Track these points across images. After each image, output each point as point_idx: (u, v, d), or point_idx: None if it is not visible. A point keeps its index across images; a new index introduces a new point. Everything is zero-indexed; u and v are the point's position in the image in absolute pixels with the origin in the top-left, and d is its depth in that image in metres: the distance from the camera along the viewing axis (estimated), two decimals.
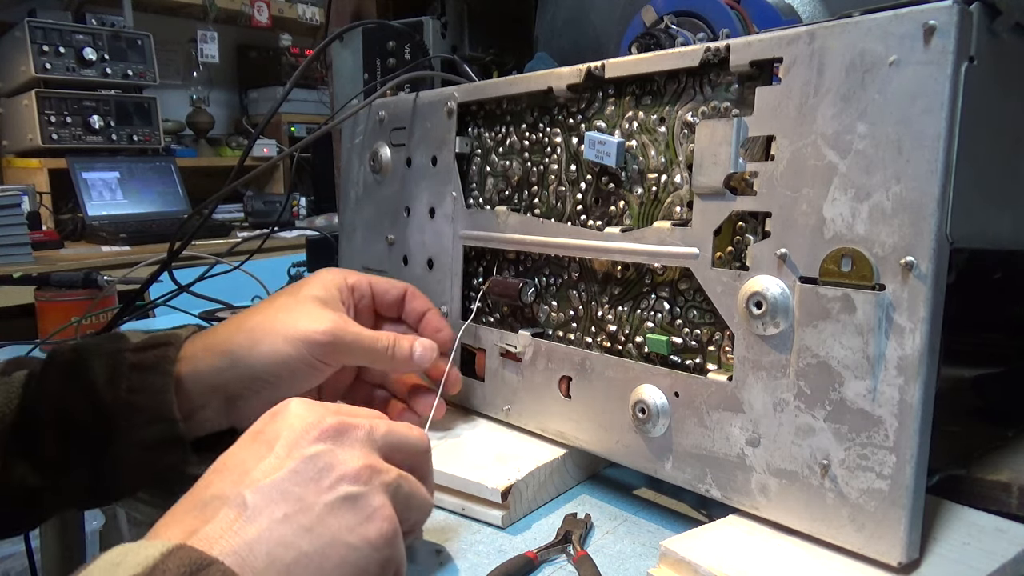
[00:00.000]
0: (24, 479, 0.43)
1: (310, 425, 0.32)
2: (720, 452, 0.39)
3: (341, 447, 0.31)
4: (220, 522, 0.28)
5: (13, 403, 0.44)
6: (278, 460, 0.30)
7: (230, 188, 0.61)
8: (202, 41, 2.87)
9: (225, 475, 0.30)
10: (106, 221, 2.31)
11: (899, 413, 0.32)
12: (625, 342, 0.46)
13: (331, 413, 0.33)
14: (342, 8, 0.91)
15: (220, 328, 0.46)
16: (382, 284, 0.52)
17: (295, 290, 0.48)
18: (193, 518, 0.29)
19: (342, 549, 0.29)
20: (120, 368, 0.44)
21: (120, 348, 0.45)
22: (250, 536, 0.27)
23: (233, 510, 0.28)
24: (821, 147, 0.34)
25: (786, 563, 0.34)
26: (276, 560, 0.27)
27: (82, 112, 2.35)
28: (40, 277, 0.92)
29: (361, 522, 0.30)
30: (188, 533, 0.28)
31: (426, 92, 0.59)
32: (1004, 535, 0.36)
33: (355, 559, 0.29)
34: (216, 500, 0.29)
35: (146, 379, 0.43)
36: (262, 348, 0.44)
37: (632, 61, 0.44)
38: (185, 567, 0.25)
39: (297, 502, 0.29)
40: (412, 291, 0.52)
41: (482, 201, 0.55)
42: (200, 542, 0.27)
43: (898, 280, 0.32)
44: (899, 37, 0.32)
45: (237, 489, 0.29)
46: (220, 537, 0.27)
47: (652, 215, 0.44)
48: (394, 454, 0.34)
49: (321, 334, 0.44)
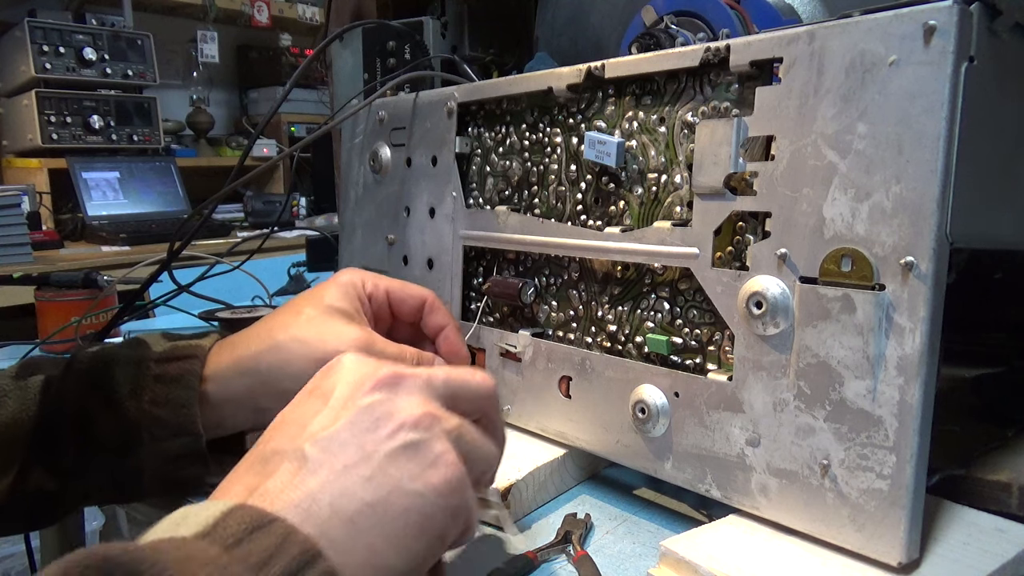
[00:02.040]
0: (42, 485, 0.43)
1: (365, 376, 0.31)
2: (720, 452, 0.39)
3: (398, 395, 0.31)
4: (281, 476, 0.28)
5: (31, 410, 0.43)
6: (334, 412, 0.30)
7: (230, 188, 0.61)
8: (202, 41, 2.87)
9: (283, 430, 0.30)
10: (106, 221, 2.31)
11: (899, 413, 0.32)
12: (625, 342, 0.46)
13: (386, 364, 0.32)
14: (342, 8, 0.91)
15: (247, 340, 0.45)
16: (399, 294, 0.49)
17: (318, 299, 0.46)
18: (255, 475, 0.29)
19: (406, 497, 0.28)
20: (143, 379, 0.43)
21: (143, 357, 0.44)
22: (312, 488, 0.27)
23: (293, 463, 0.28)
24: (821, 147, 0.34)
25: (786, 563, 0.34)
26: (339, 511, 0.27)
27: (82, 112, 2.34)
28: (40, 277, 0.92)
29: (424, 469, 0.29)
30: (250, 490, 0.28)
31: (426, 92, 0.59)
32: (1004, 535, 0.36)
33: (420, 507, 0.29)
34: (276, 455, 0.29)
35: (170, 392, 0.43)
36: (291, 368, 0.43)
37: (632, 61, 0.44)
38: (246, 524, 0.25)
39: (356, 452, 0.29)
40: (431, 303, 0.50)
41: (482, 201, 0.55)
42: (262, 498, 0.27)
43: (898, 280, 0.32)
44: (899, 37, 0.32)
45: (296, 443, 0.29)
46: (282, 491, 0.27)
47: (652, 215, 0.44)
48: (457, 402, 0.33)
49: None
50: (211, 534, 0.24)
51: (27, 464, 0.43)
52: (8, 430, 0.43)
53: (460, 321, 0.56)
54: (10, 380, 0.44)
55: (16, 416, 0.43)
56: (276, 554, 0.24)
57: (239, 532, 0.24)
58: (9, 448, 0.43)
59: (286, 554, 0.24)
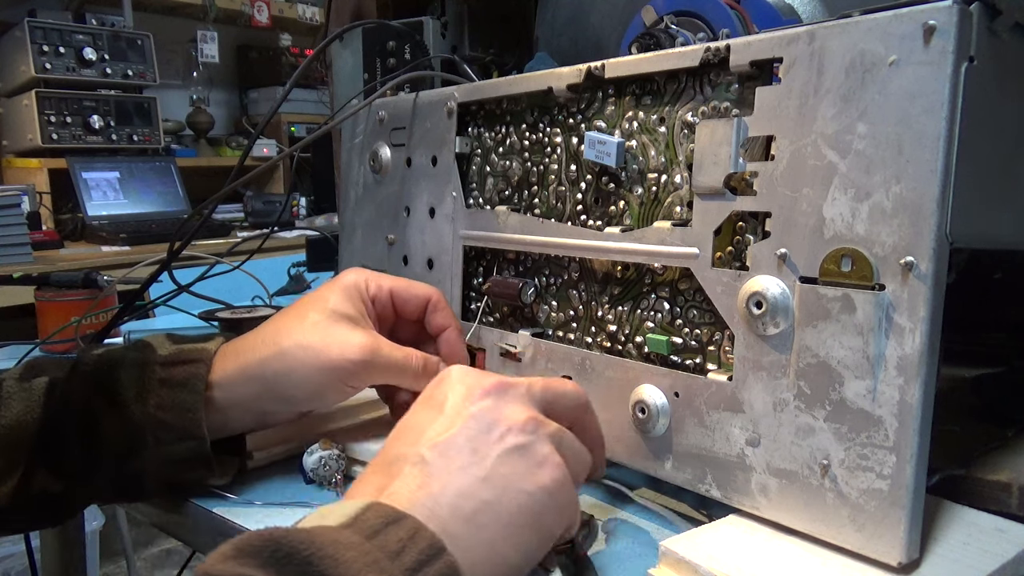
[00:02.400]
0: (46, 487, 0.43)
1: (473, 386, 0.34)
2: (720, 452, 0.39)
3: (504, 403, 0.34)
4: (405, 479, 0.31)
5: (36, 412, 0.43)
6: (449, 420, 0.33)
7: (230, 188, 0.61)
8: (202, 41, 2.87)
9: (404, 437, 0.33)
10: (106, 221, 2.31)
11: (899, 413, 0.32)
12: (625, 342, 0.46)
13: (490, 374, 0.35)
14: (342, 8, 0.91)
15: (252, 346, 0.45)
16: (403, 294, 0.49)
17: (322, 303, 0.46)
18: (381, 477, 0.32)
19: (518, 496, 0.31)
20: (149, 383, 0.43)
21: (148, 360, 0.44)
22: (434, 489, 0.30)
23: (415, 467, 0.31)
24: (821, 147, 0.34)
25: (786, 563, 0.34)
26: (459, 509, 0.30)
27: (82, 112, 2.34)
28: (40, 277, 0.92)
29: (532, 469, 0.32)
30: (379, 490, 0.31)
31: (426, 92, 0.59)
32: (1004, 535, 0.36)
33: (531, 505, 0.31)
34: (399, 460, 0.32)
35: (176, 396, 0.43)
36: (296, 376, 0.44)
37: (632, 61, 0.44)
38: (382, 518, 0.28)
39: (472, 454, 0.31)
40: (435, 302, 0.50)
41: (482, 201, 0.55)
42: (390, 498, 0.30)
43: (898, 280, 0.32)
44: (899, 37, 0.32)
45: (415, 449, 0.32)
46: (407, 492, 0.30)
47: (652, 215, 0.44)
48: (553, 408, 0.36)
49: (354, 364, 0.44)
50: (353, 525, 0.27)
51: (32, 466, 0.43)
52: (12, 432, 0.43)
53: (460, 321, 0.56)
54: (14, 382, 0.44)
55: (21, 418, 0.43)
56: (408, 545, 0.27)
57: (376, 524, 0.27)
58: (14, 450, 0.43)
59: (416, 546, 0.27)
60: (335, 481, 0.47)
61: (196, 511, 0.46)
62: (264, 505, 0.45)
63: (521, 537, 0.31)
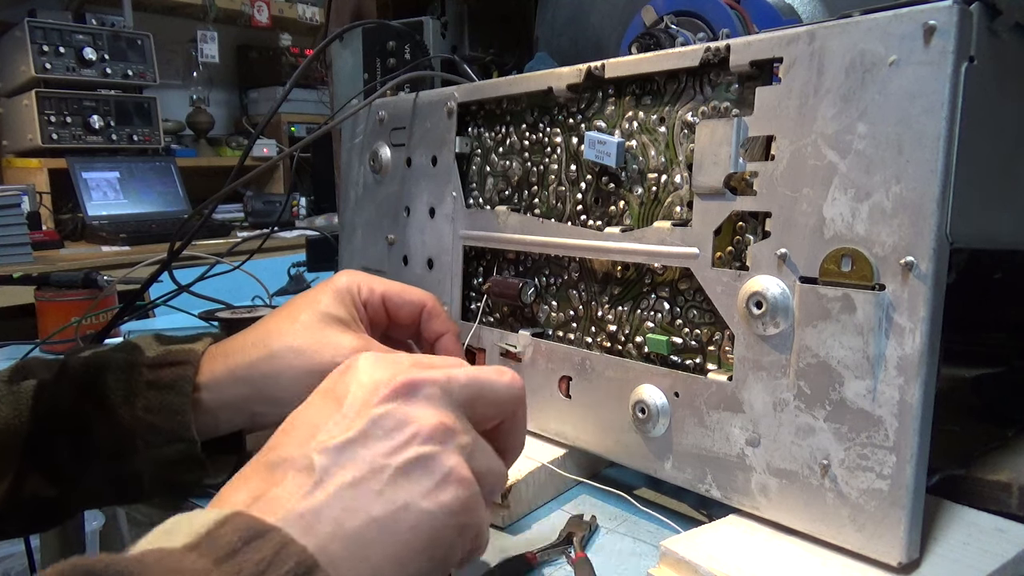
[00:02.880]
0: (38, 490, 0.43)
1: (380, 382, 0.30)
2: (720, 452, 0.39)
3: (413, 405, 0.30)
4: (287, 486, 0.27)
5: (24, 415, 0.43)
6: (347, 420, 0.29)
7: (230, 188, 0.61)
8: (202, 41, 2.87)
9: (292, 435, 0.29)
10: (106, 221, 2.31)
11: (899, 413, 0.32)
12: (625, 342, 0.46)
13: (404, 368, 0.31)
14: (342, 8, 0.91)
15: (242, 347, 0.45)
16: (396, 300, 0.48)
17: (314, 305, 0.45)
18: (261, 480, 0.28)
19: (415, 514, 0.27)
20: (136, 385, 0.43)
21: (135, 362, 0.44)
22: (317, 501, 0.26)
23: (301, 474, 0.27)
24: (821, 147, 0.34)
25: (786, 563, 0.34)
26: (343, 525, 0.26)
27: (82, 112, 2.34)
28: (40, 277, 0.92)
29: (436, 485, 0.28)
30: (254, 497, 0.27)
31: (426, 92, 0.59)
32: (1004, 535, 0.36)
33: (429, 524, 0.28)
34: (284, 463, 0.28)
35: (163, 399, 0.43)
36: (285, 379, 0.43)
37: (632, 61, 0.44)
38: (240, 534, 0.24)
39: (367, 464, 0.28)
40: (430, 309, 0.48)
41: (482, 201, 0.55)
42: (265, 506, 0.26)
43: (898, 280, 0.32)
44: (899, 37, 0.32)
45: (304, 451, 0.28)
46: (286, 501, 0.26)
47: (652, 215, 0.44)
48: (478, 404, 0.32)
49: None
50: (201, 545, 0.23)
51: (22, 470, 0.43)
52: (1, 436, 0.42)
53: (460, 321, 0.56)
54: (2, 384, 0.44)
55: (9, 422, 0.43)
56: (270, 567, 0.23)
57: (233, 543, 0.23)
58: (3, 454, 0.42)
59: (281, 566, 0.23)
60: None
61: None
62: None
63: (412, 560, 0.27)
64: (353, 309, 0.46)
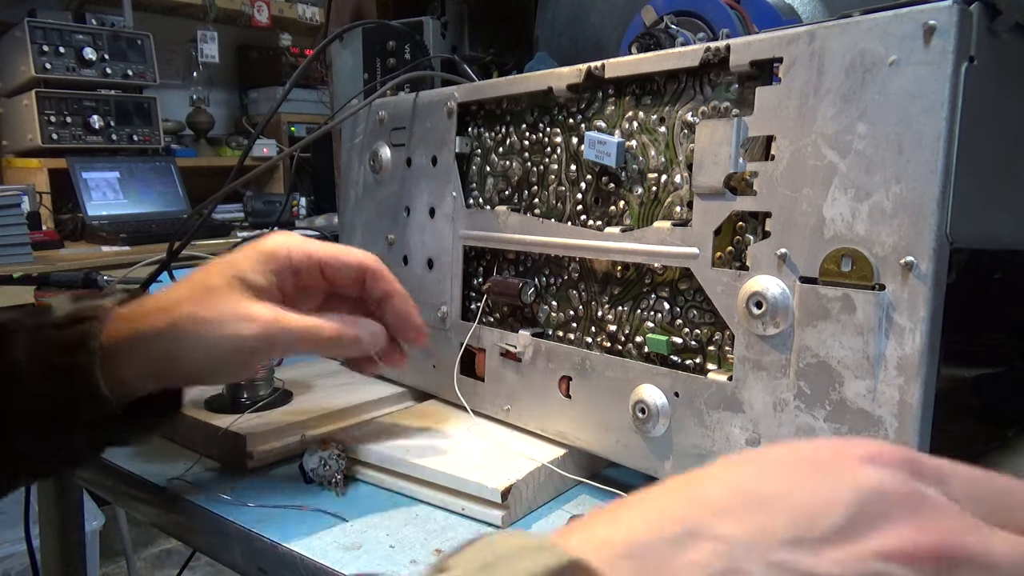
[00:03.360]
0: None
1: (885, 496, 0.20)
2: (720, 452, 0.39)
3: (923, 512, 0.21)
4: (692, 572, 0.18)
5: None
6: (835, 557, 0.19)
7: (230, 188, 0.61)
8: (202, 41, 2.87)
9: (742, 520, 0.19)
10: (106, 221, 2.31)
11: (899, 413, 0.32)
12: (625, 342, 0.46)
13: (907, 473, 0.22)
14: (342, 8, 0.91)
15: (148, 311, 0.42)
16: (333, 263, 0.45)
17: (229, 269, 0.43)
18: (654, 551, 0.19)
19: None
20: (43, 346, 0.41)
21: (41, 323, 0.42)
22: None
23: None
24: (821, 147, 0.34)
25: None
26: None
27: (82, 112, 2.34)
28: (40, 277, 0.92)
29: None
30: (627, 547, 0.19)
31: (426, 92, 0.59)
32: None
33: None
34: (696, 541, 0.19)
35: (71, 359, 0.40)
36: (191, 355, 0.41)
37: (632, 61, 0.44)
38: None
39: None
40: (374, 270, 0.46)
41: (482, 201, 0.55)
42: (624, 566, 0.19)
43: (898, 280, 0.32)
44: (899, 37, 0.32)
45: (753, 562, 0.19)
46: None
47: (652, 215, 0.44)
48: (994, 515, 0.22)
49: (253, 340, 0.41)
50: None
51: None
52: None
53: (460, 321, 0.56)
54: None
55: None
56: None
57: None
58: None
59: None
60: (335, 481, 0.47)
61: (196, 511, 0.46)
62: (263, 506, 0.45)
63: None
64: (273, 276, 0.44)
